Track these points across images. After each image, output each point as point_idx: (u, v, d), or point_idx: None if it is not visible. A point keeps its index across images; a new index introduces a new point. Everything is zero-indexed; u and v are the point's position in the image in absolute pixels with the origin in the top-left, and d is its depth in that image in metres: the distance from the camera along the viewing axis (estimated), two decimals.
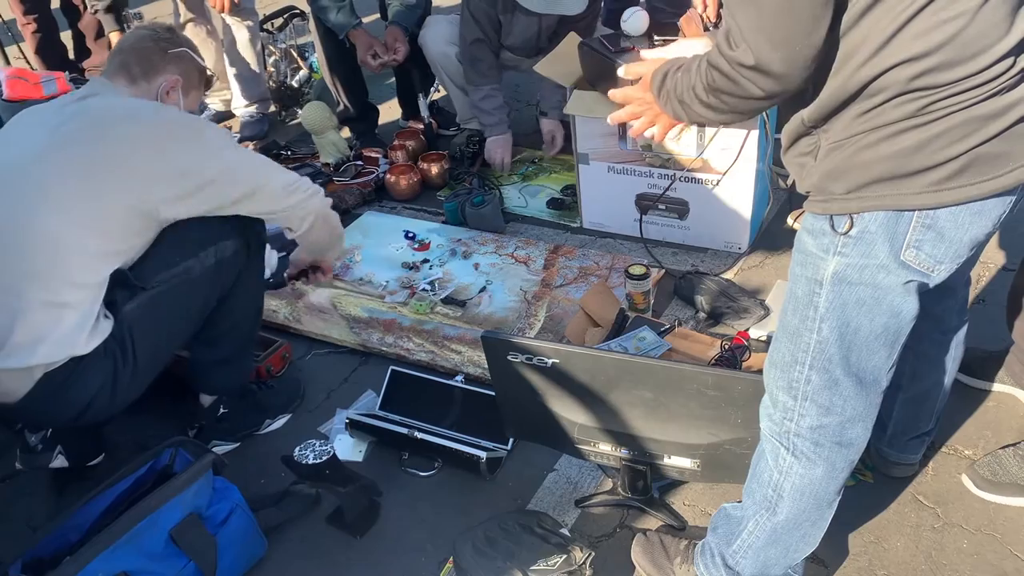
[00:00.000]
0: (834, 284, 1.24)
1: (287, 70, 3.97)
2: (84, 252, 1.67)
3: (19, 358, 1.65)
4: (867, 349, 1.28)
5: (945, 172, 1.12)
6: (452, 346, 2.38)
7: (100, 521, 1.62)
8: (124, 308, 1.74)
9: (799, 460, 1.37)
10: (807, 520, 1.44)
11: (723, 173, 2.53)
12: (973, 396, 2.03)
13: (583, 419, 1.72)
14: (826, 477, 1.38)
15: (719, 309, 2.35)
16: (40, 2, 4.12)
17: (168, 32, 1.94)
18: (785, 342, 1.34)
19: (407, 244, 2.89)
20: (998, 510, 1.77)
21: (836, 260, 1.23)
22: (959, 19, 1.05)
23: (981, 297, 2.35)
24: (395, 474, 2.00)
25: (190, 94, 1.97)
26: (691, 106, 1.28)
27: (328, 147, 3.40)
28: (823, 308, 1.26)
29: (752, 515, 1.47)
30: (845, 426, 1.34)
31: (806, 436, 1.35)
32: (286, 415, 2.21)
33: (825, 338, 1.27)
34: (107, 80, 1.87)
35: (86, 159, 1.69)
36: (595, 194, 2.81)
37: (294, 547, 1.85)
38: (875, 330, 1.26)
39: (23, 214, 1.66)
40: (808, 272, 1.28)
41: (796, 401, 1.34)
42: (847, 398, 1.32)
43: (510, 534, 1.71)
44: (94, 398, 1.74)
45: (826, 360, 1.29)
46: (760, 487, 1.45)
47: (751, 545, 1.49)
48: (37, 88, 3.42)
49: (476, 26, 3.06)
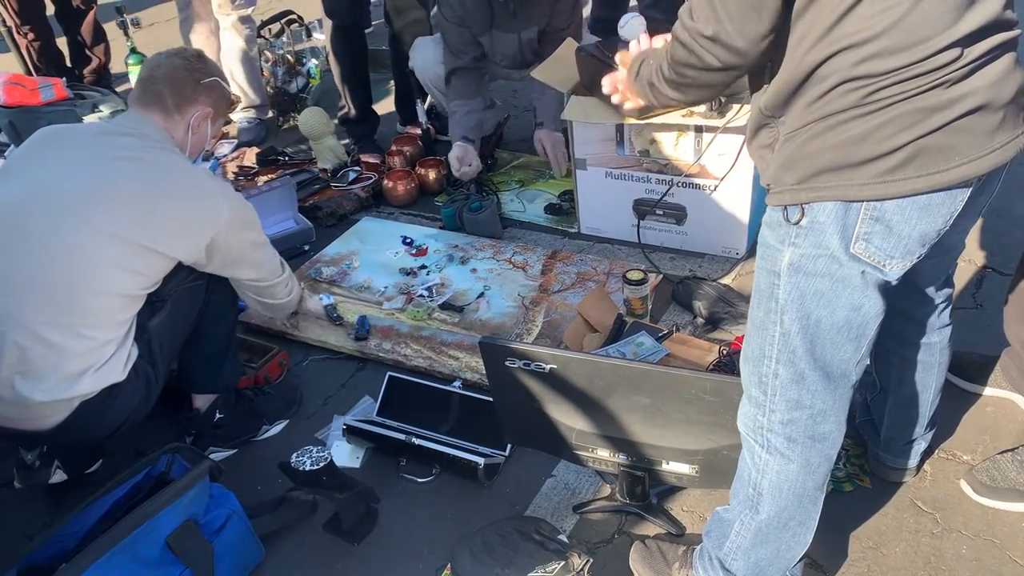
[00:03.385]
0: (791, 275, 1.25)
1: (284, 76, 3.98)
2: (126, 294, 1.76)
3: (60, 391, 1.71)
4: (831, 343, 1.29)
5: (890, 163, 1.14)
6: (450, 352, 2.37)
7: (96, 528, 1.61)
8: (149, 325, 1.83)
9: (773, 456, 1.38)
10: (792, 519, 1.44)
11: (721, 178, 2.53)
12: (970, 401, 2.03)
13: (581, 425, 1.72)
14: (802, 472, 1.38)
15: (717, 314, 2.35)
16: (36, 9, 4.12)
17: (200, 61, 1.96)
18: (754, 336, 1.35)
19: (405, 250, 2.89)
20: (997, 515, 1.76)
21: (791, 251, 1.24)
22: (900, 5, 1.07)
23: (979, 302, 2.35)
24: (393, 480, 1.99)
25: (217, 122, 2.02)
26: (658, 87, 1.37)
27: (326, 152, 3.40)
28: (782, 299, 1.27)
29: (737, 515, 1.48)
30: (816, 419, 1.34)
31: (778, 431, 1.36)
32: (283, 421, 2.20)
33: (788, 330, 1.29)
34: (141, 112, 1.88)
35: (140, 210, 1.75)
36: (593, 199, 2.81)
37: (291, 554, 1.85)
38: (836, 323, 1.27)
39: (73, 256, 1.70)
40: (768, 264, 1.29)
41: (767, 396, 1.35)
42: (815, 392, 1.32)
43: (508, 541, 1.70)
44: (129, 415, 1.83)
45: (791, 353, 1.30)
46: (742, 487, 1.46)
47: (739, 546, 1.49)
48: (34, 94, 3.42)
49: (454, 57, 3.07)
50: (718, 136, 2.43)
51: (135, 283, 1.76)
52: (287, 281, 2.13)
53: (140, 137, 1.83)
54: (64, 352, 1.69)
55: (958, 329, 1.67)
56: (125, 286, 1.74)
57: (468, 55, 3.07)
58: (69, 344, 1.69)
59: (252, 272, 1.99)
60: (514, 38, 3.01)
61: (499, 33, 3.00)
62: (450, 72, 3.10)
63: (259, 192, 2.97)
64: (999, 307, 1.96)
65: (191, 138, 1.92)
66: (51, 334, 1.68)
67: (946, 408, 1.53)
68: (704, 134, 2.46)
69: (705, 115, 2.37)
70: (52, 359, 1.69)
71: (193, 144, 1.94)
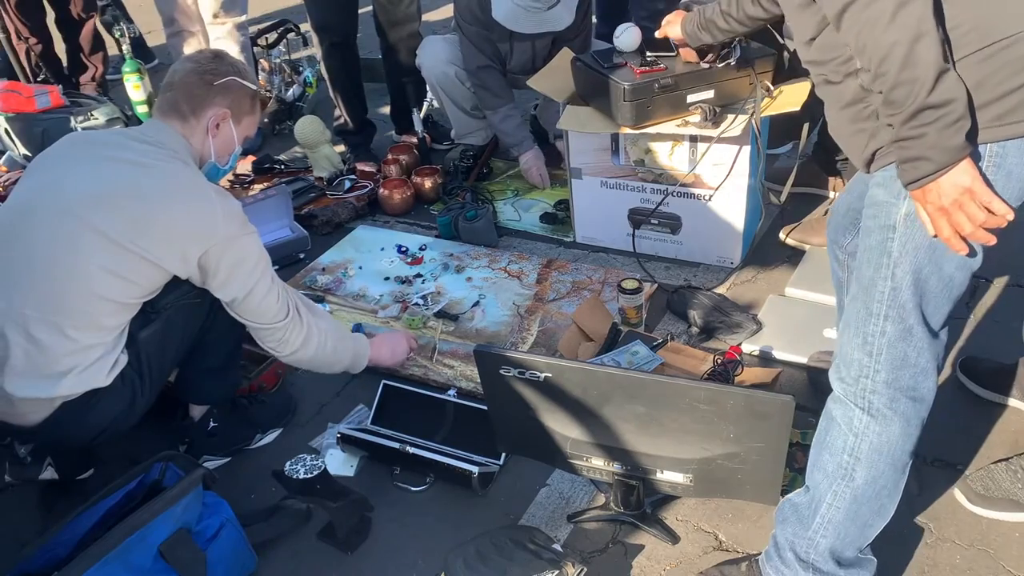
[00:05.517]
0: (907, 225, 1.29)
1: (281, 85, 3.98)
2: (116, 300, 1.74)
3: (41, 389, 1.72)
4: (936, 299, 1.33)
5: (1006, 105, 1.17)
6: (444, 360, 2.37)
7: (89, 536, 1.60)
8: (139, 336, 1.82)
9: (875, 419, 1.39)
10: (883, 487, 1.44)
11: (715, 188, 2.54)
12: (965, 411, 2.03)
13: (576, 433, 1.72)
14: (902, 435, 1.40)
15: (712, 324, 2.35)
16: (37, 16, 4.13)
17: (212, 61, 1.91)
18: (860, 297, 1.38)
19: (400, 258, 2.89)
20: (991, 525, 1.77)
21: (907, 203, 1.27)
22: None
23: (996, 319, 2.34)
24: (386, 489, 1.99)
25: (242, 121, 1.95)
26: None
27: (321, 161, 3.41)
28: (896, 252, 1.30)
29: (828, 488, 1.47)
30: (918, 379, 1.37)
31: (882, 392, 1.37)
32: (277, 429, 2.20)
33: (899, 284, 1.31)
34: (162, 120, 1.88)
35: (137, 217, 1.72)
36: (588, 209, 2.82)
37: (284, 563, 1.84)
38: (943, 279, 1.31)
39: (68, 254, 1.70)
40: (880, 220, 1.32)
41: (871, 357, 1.36)
42: (920, 349, 1.35)
43: (502, 550, 1.70)
44: (112, 422, 1.82)
45: (900, 308, 1.32)
46: (833, 457, 1.45)
47: (831, 520, 1.48)
48: (30, 102, 3.43)
49: (480, 54, 3.08)
50: (713, 146, 2.44)
51: (127, 291, 1.74)
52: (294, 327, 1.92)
53: (155, 145, 1.82)
54: (47, 351, 1.70)
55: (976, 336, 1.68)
56: (115, 292, 1.73)
57: (497, 59, 3.10)
58: (53, 343, 1.70)
59: (239, 294, 1.84)
60: (528, 45, 3.05)
61: (517, 43, 3.03)
62: (478, 68, 3.10)
63: (255, 200, 2.97)
64: (1000, 316, 1.96)
65: (212, 141, 1.90)
66: (37, 331, 1.69)
67: (939, 418, 1.53)
68: (699, 144, 2.47)
69: (700, 125, 2.38)
70: (35, 356, 1.70)
71: (217, 147, 1.91)
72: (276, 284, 1.90)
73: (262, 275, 1.86)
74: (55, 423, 1.76)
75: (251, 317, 1.89)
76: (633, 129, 2.41)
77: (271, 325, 1.90)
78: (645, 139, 2.54)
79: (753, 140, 2.43)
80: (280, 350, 1.95)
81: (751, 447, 1.58)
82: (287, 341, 1.94)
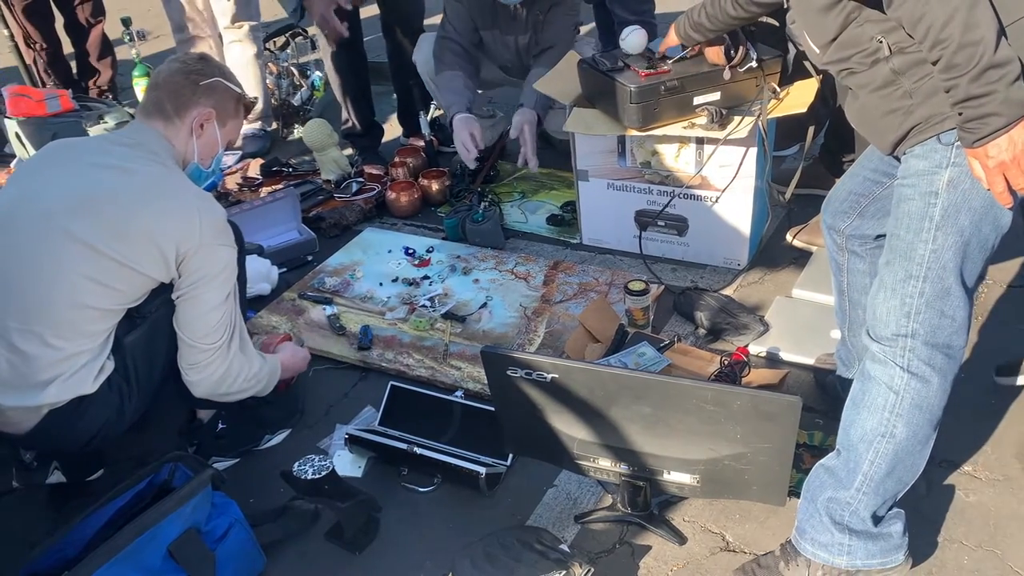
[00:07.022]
0: (950, 191, 1.38)
1: (289, 88, 4.00)
2: (100, 308, 1.73)
3: (27, 398, 1.71)
4: (972, 259, 1.43)
5: None
6: (452, 362, 2.38)
7: (98, 536, 1.61)
8: (125, 341, 1.80)
9: (915, 376, 1.44)
10: (919, 441, 1.50)
11: (722, 190, 2.54)
12: (971, 412, 2.02)
13: (582, 434, 1.72)
14: (940, 391, 1.47)
15: (718, 325, 2.36)
16: (45, 21, 4.16)
17: (199, 63, 1.91)
18: (897, 263, 1.45)
19: (407, 260, 2.90)
20: (999, 526, 1.76)
21: (950, 170, 1.37)
22: None
23: (1003, 321, 2.33)
24: (394, 490, 2.00)
25: (227, 124, 1.95)
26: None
27: (329, 164, 3.42)
28: (938, 217, 1.39)
29: (868, 447, 1.50)
30: (953, 336, 1.45)
31: (920, 350, 1.44)
32: (285, 431, 2.20)
33: (940, 246, 1.40)
34: (145, 122, 1.87)
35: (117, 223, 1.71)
36: (594, 211, 2.82)
37: (293, 563, 1.85)
38: (981, 241, 1.42)
39: (48, 263, 1.70)
40: (921, 188, 1.41)
41: (909, 318, 1.44)
42: (956, 307, 1.44)
43: (509, 550, 1.70)
44: (101, 428, 1.80)
45: (940, 269, 1.40)
46: (872, 415, 1.49)
47: (872, 477, 1.50)
48: (40, 105, 3.45)
49: (449, 24, 3.12)
50: (719, 148, 2.44)
51: (110, 298, 1.73)
52: (217, 360, 1.81)
53: (136, 147, 1.81)
54: (31, 360, 1.69)
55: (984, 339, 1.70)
56: (99, 300, 1.71)
57: (464, 38, 3.11)
58: (36, 353, 1.69)
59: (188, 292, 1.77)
60: (511, 40, 3.08)
61: (499, 34, 3.06)
62: (441, 37, 3.10)
63: (263, 203, 2.99)
64: (1006, 318, 1.96)
65: (196, 142, 1.89)
66: (19, 341, 1.69)
67: (946, 419, 1.53)
68: (705, 146, 2.47)
69: (706, 127, 2.38)
70: (19, 366, 1.70)
71: (200, 148, 1.90)
72: (227, 312, 1.82)
73: (218, 290, 1.79)
74: (44, 430, 1.75)
75: (183, 326, 1.80)
76: (639, 131, 2.42)
77: (197, 343, 1.80)
78: (651, 141, 2.54)
79: (760, 142, 2.43)
80: (189, 374, 1.84)
81: (758, 448, 1.58)
82: (201, 367, 1.82)
